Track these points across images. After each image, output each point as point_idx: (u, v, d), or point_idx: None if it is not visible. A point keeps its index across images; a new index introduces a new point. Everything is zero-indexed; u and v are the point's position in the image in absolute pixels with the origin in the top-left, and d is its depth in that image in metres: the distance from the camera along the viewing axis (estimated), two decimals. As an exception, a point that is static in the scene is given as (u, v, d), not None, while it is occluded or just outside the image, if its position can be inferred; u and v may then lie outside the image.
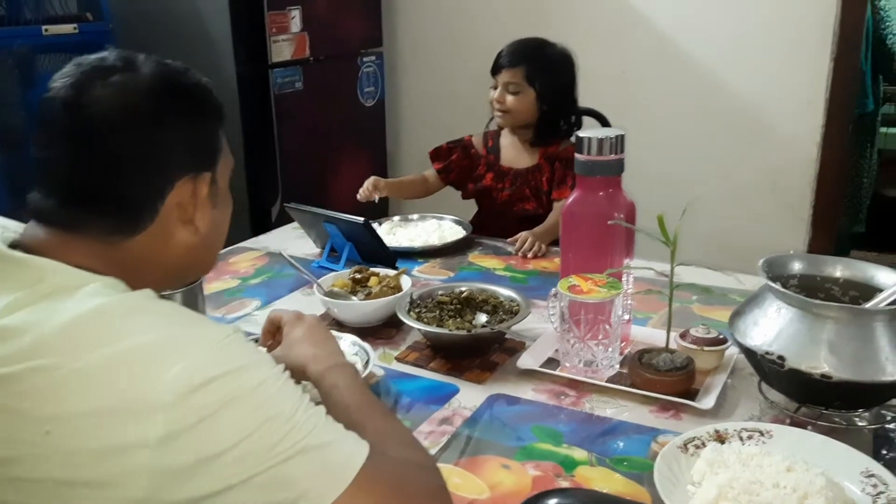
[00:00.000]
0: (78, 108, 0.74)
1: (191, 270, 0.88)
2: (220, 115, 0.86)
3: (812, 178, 2.74)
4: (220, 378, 0.67)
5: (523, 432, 1.06)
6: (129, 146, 0.75)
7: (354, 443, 0.75)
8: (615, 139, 1.22)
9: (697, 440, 0.96)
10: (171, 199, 0.78)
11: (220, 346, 0.69)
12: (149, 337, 0.68)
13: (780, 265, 1.12)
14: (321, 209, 1.73)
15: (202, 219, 0.82)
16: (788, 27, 2.64)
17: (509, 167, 2.02)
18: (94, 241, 0.76)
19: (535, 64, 1.92)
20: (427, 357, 1.28)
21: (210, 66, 2.62)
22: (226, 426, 0.66)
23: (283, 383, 0.72)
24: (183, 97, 0.81)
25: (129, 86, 0.76)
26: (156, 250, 0.80)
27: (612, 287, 1.18)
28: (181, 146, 0.79)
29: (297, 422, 0.70)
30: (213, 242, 0.88)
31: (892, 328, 0.98)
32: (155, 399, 0.64)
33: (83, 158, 0.75)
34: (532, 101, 1.93)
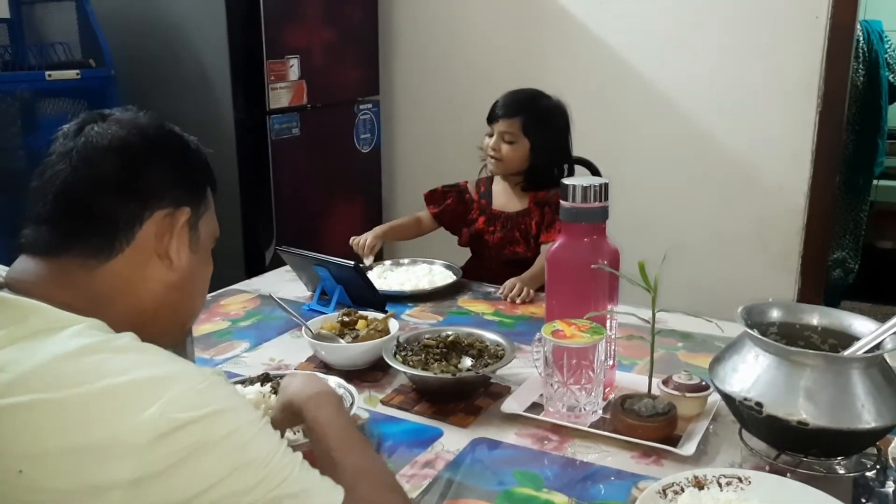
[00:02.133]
0: (77, 135, 0.82)
1: (165, 317, 0.88)
2: (210, 174, 0.92)
3: (800, 228, 2.78)
4: (194, 423, 0.68)
5: (505, 476, 1.07)
6: (115, 169, 0.81)
7: (329, 490, 0.76)
8: (599, 187, 1.25)
9: (676, 486, 0.96)
10: (148, 226, 0.82)
11: (197, 389, 0.70)
12: (126, 378, 0.69)
13: (759, 313, 1.14)
14: (312, 253, 1.75)
15: (177, 253, 0.84)
16: (775, 81, 2.71)
17: (500, 211, 2.06)
18: (75, 266, 0.79)
19: (531, 115, 1.98)
20: (412, 400, 1.29)
21: (209, 111, 2.68)
22: (196, 472, 0.67)
23: (259, 429, 0.73)
24: (171, 142, 0.88)
25: (125, 123, 0.84)
26: (131, 279, 0.82)
27: (595, 332, 1.19)
28: (164, 180, 0.84)
29: (272, 470, 0.71)
30: (190, 290, 0.90)
31: (868, 376, 0.99)
32: (128, 440, 0.65)
33: (73, 176, 0.80)
34: (526, 151, 1.98)
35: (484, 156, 2.04)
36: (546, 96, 2.03)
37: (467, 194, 2.13)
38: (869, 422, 0.96)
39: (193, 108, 2.67)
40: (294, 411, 0.97)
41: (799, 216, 2.78)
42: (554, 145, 2.01)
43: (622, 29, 2.95)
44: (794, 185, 2.76)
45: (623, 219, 2.86)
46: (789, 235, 2.80)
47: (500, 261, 2.02)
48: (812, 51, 2.64)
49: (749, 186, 2.82)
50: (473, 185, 2.14)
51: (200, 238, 0.89)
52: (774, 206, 2.80)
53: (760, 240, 2.83)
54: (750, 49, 2.73)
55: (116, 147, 0.81)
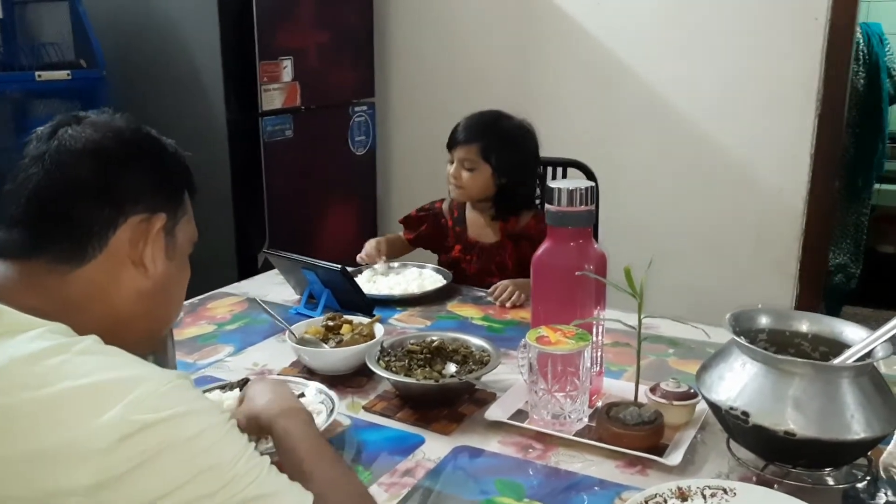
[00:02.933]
0: (50, 138, 0.80)
1: (140, 324, 0.86)
2: (188, 178, 0.90)
3: (798, 232, 2.75)
4: (157, 425, 0.66)
5: (486, 485, 1.04)
6: (88, 174, 0.79)
7: (297, 495, 0.74)
8: (586, 190, 1.22)
9: (659, 497, 0.94)
10: (122, 232, 0.80)
11: (159, 392, 0.68)
12: (86, 381, 0.67)
13: (747, 319, 1.11)
14: (300, 256, 1.73)
15: (152, 261, 0.83)
16: (774, 83, 2.68)
17: (475, 240, 2.01)
18: (45, 271, 0.77)
19: (490, 140, 1.90)
20: (395, 407, 1.26)
21: (202, 112, 2.66)
22: (158, 475, 0.65)
23: (225, 432, 0.71)
24: (148, 146, 0.86)
25: (100, 126, 0.82)
26: (104, 286, 0.80)
27: (581, 339, 1.17)
28: (139, 185, 0.82)
29: (238, 472, 0.69)
30: (165, 297, 0.88)
31: (858, 385, 0.96)
32: (88, 445, 0.63)
33: (46, 180, 0.78)
34: (488, 178, 1.91)
35: (448, 184, 1.97)
36: (508, 118, 1.95)
37: (443, 218, 2.06)
38: (858, 432, 0.94)
39: (186, 109, 2.66)
40: (262, 425, 0.95)
41: (797, 220, 2.75)
42: (518, 169, 1.92)
43: (619, 30, 2.93)
44: (793, 188, 2.74)
45: (619, 222, 2.85)
46: (788, 240, 2.78)
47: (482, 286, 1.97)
48: (811, 53, 2.62)
49: (747, 190, 2.79)
50: (447, 207, 2.07)
51: (177, 244, 0.88)
52: (773, 210, 2.77)
53: (758, 244, 2.81)
54: (748, 51, 2.71)
55: (90, 151, 0.80)
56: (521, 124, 1.96)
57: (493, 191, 1.93)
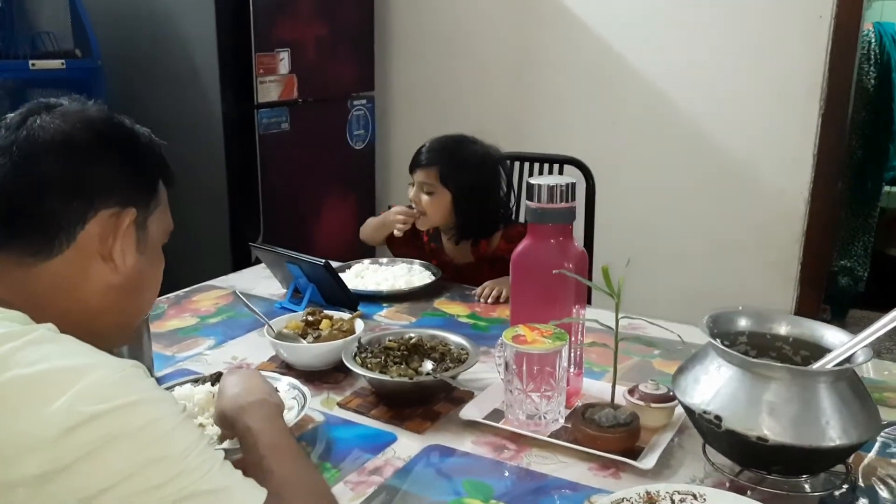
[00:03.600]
0: (19, 128, 0.78)
1: (110, 317, 0.84)
2: (163, 168, 0.88)
3: (800, 234, 2.71)
4: (106, 414, 0.65)
5: (454, 486, 1.02)
6: (57, 167, 0.77)
7: (249, 491, 0.72)
8: (566, 187, 1.20)
9: (626, 501, 0.91)
10: (91, 227, 0.78)
11: (111, 381, 0.67)
12: (35, 369, 0.66)
13: (726, 321, 1.08)
14: (285, 249, 1.71)
15: (121, 256, 0.81)
16: (777, 82, 2.65)
17: (451, 259, 1.98)
18: (12, 264, 0.76)
19: (450, 164, 1.85)
20: (370, 404, 1.24)
21: (197, 103, 2.65)
22: (105, 466, 0.64)
23: (178, 423, 0.70)
24: (120, 137, 0.84)
25: (70, 116, 0.79)
26: (71, 280, 0.79)
27: (558, 338, 1.14)
28: (110, 179, 0.80)
29: (188, 465, 0.67)
30: (134, 292, 0.86)
31: (835, 391, 0.94)
32: (35, 434, 0.62)
33: (12, 172, 0.77)
34: (447, 203, 1.86)
35: None
36: (471, 142, 1.90)
37: (422, 232, 2.00)
38: (834, 439, 0.91)
39: (181, 100, 2.64)
40: (227, 422, 0.94)
41: (799, 222, 2.71)
42: (478, 194, 1.86)
43: (621, 27, 2.89)
44: (795, 189, 2.70)
45: (617, 221, 2.82)
46: (789, 242, 2.74)
47: None
48: (815, 51, 2.58)
49: (748, 190, 2.76)
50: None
51: (149, 237, 0.86)
52: (774, 212, 2.73)
53: (758, 246, 2.77)
54: (751, 49, 2.67)
55: (59, 143, 0.78)
56: (487, 150, 1.91)
57: (452, 217, 1.88)
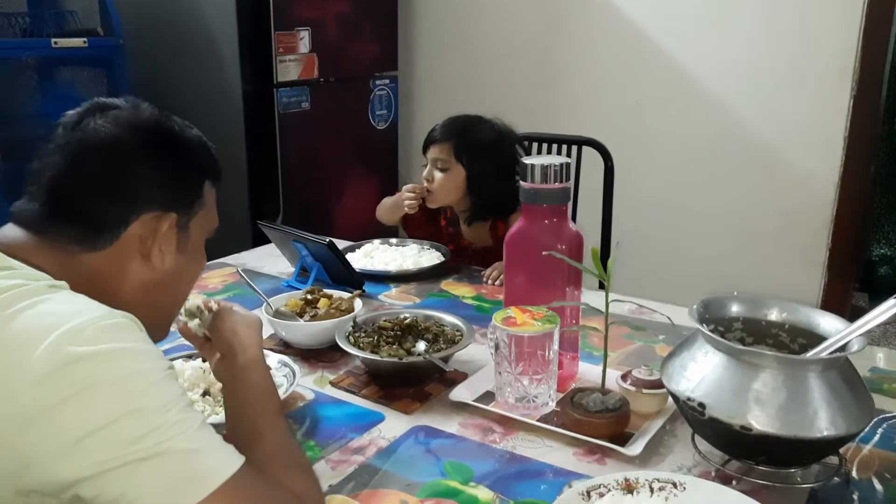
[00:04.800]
0: (74, 129, 0.82)
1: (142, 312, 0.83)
2: (209, 170, 0.91)
3: (829, 220, 2.64)
4: (91, 358, 0.66)
5: (435, 467, 1.01)
6: (105, 170, 0.81)
7: (226, 455, 0.72)
8: (560, 167, 1.18)
9: (603, 487, 0.90)
10: (133, 228, 0.82)
11: (99, 326, 0.69)
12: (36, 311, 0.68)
13: (718, 307, 1.05)
14: (291, 228, 1.71)
15: (159, 257, 0.85)
16: (807, 63, 2.56)
17: (469, 243, 1.95)
18: (57, 247, 0.80)
19: (466, 139, 1.82)
20: (361, 383, 1.24)
21: (217, 82, 2.66)
22: (85, 411, 0.65)
23: (161, 378, 0.70)
24: (168, 141, 0.87)
25: (121, 120, 0.83)
26: (110, 274, 0.83)
27: (549, 321, 1.13)
28: (154, 183, 0.84)
29: (167, 421, 0.68)
30: (171, 289, 0.89)
31: (825, 380, 0.90)
32: (26, 371, 0.64)
33: (66, 171, 0.81)
34: (461, 181, 1.84)
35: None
36: (487, 122, 1.87)
37: (440, 214, 1.99)
38: (821, 430, 0.88)
39: (202, 79, 2.66)
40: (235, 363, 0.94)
41: (828, 206, 2.64)
42: (491, 176, 1.82)
43: (647, 8, 2.83)
44: (824, 174, 2.62)
45: (638, 204, 2.78)
46: (817, 228, 2.67)
47: None
48: (848, 28, 2.50)
49: (775, 174, 2.69)
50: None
51: (190, 238, 0.89)
52: (802, 196, 2.66)
53: (785, 231, 2.70)
54: (781, 28, 2.59)
55: (107, 148, 0.81)
56: (503, 129, 1.88)
57: (463, 195, 1.86)
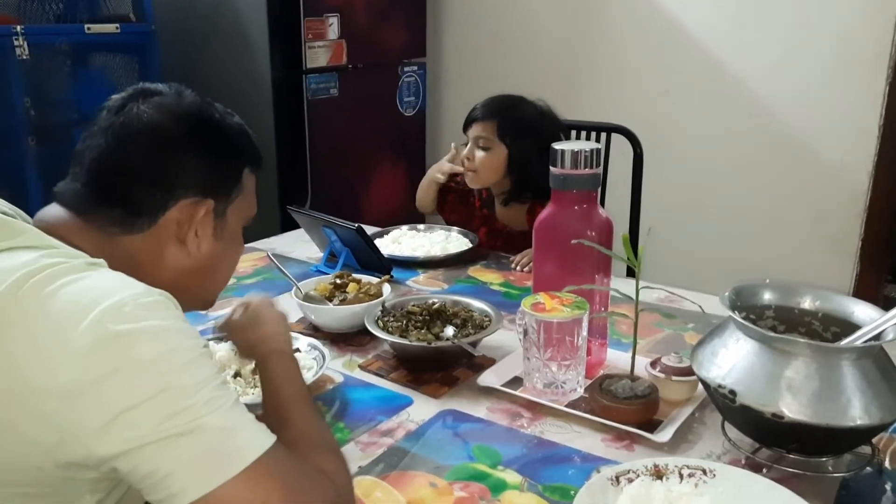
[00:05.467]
0: (118, 113, 0.83)
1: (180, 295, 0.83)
2: (249, 158, 0.92)
3: (861, 210, 2.60)
4: (130, 334, 0.67)
5: (463, 451, 1.02)
6: (146, 156, 0.82)
7: (258, 433, 0.73)
8: (591, 153, 1.17)
9: (632, 473, 0.90)
10: (171, 213, 0.83)
11: (138, 302, 0.69)
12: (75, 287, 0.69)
13: (750, 294, 1.04)
14: (320, 213, 1.73)
15: (195, 242, 0.86)
16: (840, 48, 2.52)
17: (504, 226, 1.94)
18: (96, 228, 0.82)
19: (509, 118, 1.81)
20: (390, 367, 1.25)
21: (247, 68, 2.68)
22: (125, 387, 0.66)
23: (197, 356, 0.71)
24: (208, 129, 0.88)
25: (164, 107, 0.84)
26: (147, 256, 0.84)
27: (578, 307, 1.13)
28: (193, 170, 0.85)
29: (201, 398, 0.69)
30: (208, 274, 0.91)
31: (859, 369, 0.89)
32: (69, 347, 0.65)
33: (107, 154, 0.82)
34: (502, 160, 1.82)
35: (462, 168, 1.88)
36: (530, 102, 1.86)
37: (472, 196, 1.98)
38: (854, 419, 0.87)
39: (231, 64, 2.68)
40: (255, 354, 0.98)
41: (861, 197, 2.60)
42: (534, 156, 1.75)
43: (678, -8, 2.79)
44: (858, 163, 2.58)
45: (666, 192, 2.75)
46: (849, 217, 2.63)
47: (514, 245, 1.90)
48: (882, 16, 2.44)
49: (807, 162, 2.65)
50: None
51: (227, 224, 0.90)
52: (834, 185, 2.62)
53: (817, 220, 2.67)
54: (814, 14, 2.55)
55: (150, 134, 0.83)
56: (545, 110, 1.87)
57: (504, 176, 1.84)
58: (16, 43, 2.24)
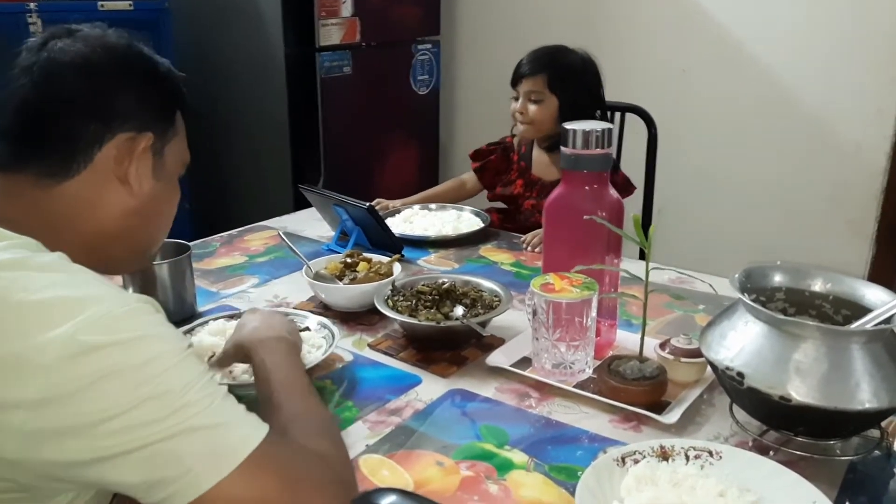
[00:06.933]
0: (40, 50, 0.80)
1: (124, 243, 0.86)
2: (181, 100, 0.89)
3: (878, 191, 2.57)
4: (107, 347, 0.65)
5: (470, 430, 1.03)
6: (76, 87, 0.79)
7: (251, 426, 0.73)
8: (602, 133, 1.16)
9: (638, 454, 0.90)
10: (107, 149, 0.80)
11: (115, 314, 0.68)
12: (40, 296, 0.66)
13: (760, 276, 1.04)
14: (331, 192, 1.73)
15: (137, 179, 0.82)
16: (859, 27, 2.47)
17: (538, 178, 1.98)
18: (30, 185, 0.78)
19: (557, 70, 1.86)
20: (399, 346, 1.25)
21: (260, 46, 2.68)
22: (104, 398, 0.65)
23: (180, 359, 0.70)
24: (140, 60, 0.84)
25: (90, 39, 0.81)
26: (88, 202, 0.80)
27: (587, 288, 1.12)
28: (128, 100, 0.81)
29: (189, 400, 0.68)
30: (152, 217, 0.88)
31: (869, 352, 0.89)
32: (36, 359, 0.63)
33: (34, 92, 0.78)
34: (555, 110, 1.87)
35: (514, 122, 1.95)
36: (571, 50, 1.91)
37: (511, 152, 2.05)
38: (863, 402, 0.86)
39: (245, 42, 2.67)
40: (245, 352, 0.97)
41: (878, 177, 2.57)
42: (584, 102, 1.87)
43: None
44: (875, 143, 2.55)
45: (681, 172, 2.73)
46: (866, 198, 2.60)
47: (530, 226, 1.93)
48: (905, -5, 2.40)
49: (823, 142, 2.62)
50: (516, 143, 2.05)
51: (166, 164, 0.87)
52: (851, 166, 2.59)
53: (832, 201, 2.64)
54: (833, -8, 2.51)
55: (79, 65, 0.79)
56: (586, 56, 1.92)
57: (557, 126, 1.88)
58: (30, 20, 2.25)
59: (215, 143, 2.96)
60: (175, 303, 1.35)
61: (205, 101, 2.89)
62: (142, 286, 1.32)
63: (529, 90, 1.87)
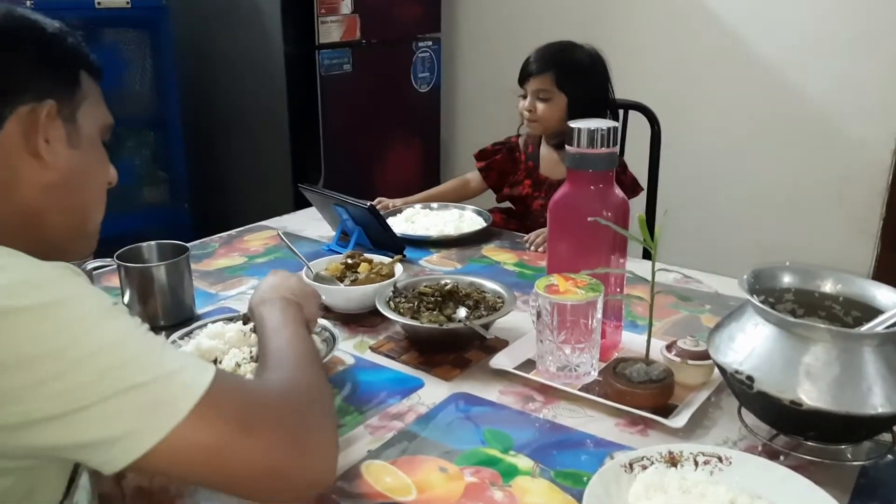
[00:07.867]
0: None
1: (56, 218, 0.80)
2: (83, 60, 0.83)
3: (883, 188, 2.55)
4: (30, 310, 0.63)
5: (474, 435, 1.01)
6: None
7: (196, 371, 0.70)
8: (608, 131, 1.14)
9: (646, 459, 0.88)
10: (9, 126, 0.74)
11: (33, 279, 0.65)
12: None
13: (769, 277, 1.02)
14: (331, 191, 1.71)
15: (49, 151, 0.77)
16: (863, 20, 2.45)
17: (546, 177, 1.96)
18: None
19: (565, 68, 1.85)
20: (401, 349, 1.24)
21: (259, 44, 2.66)
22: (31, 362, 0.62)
23: (107, 316, 0.67)
24: (22, 28, 0.78)
25: None
26: (5, 184, 0.76)
27: (592, 289, 1.10)
28: (18, 70, 0.76)
29: (124, 357, 0.66)
30: (76, 191, 0.82)
31: (881, 355, 0.87)
32: None
33: None
34: (564, 108, 1.85)
35: (522, 120, 1.93)
36: (579, 46, 1.90)
37: (517, 152, 2.03)
38: (875, 407, 0.85)
39: (244, 40, 2.65)
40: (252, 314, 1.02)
41: (883, 175, 2.55)
42: (592, 99, 1.86)
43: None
44: (880, 139, 2.53)
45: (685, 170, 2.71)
46: (870, 196, 2.58)
47: (539, 226, 1.91)
48: (910, -9, 2.38)
49: (827, 138, 2.60)
50: (523, 142, 2.03)
51: (81, 131, 0.81)
52: (855, 162, 2.57)
53: (837, 199, 2.62)
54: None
55: None
56: (593, 52, 1.91)
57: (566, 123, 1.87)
58: (27, 18, 2.22)
59: (214, 142, 2.94)
60: (173, 305, 1.33)
61: (203, 99, 2.88)
62: (139, 288, 1.30)
63: (537, 88, 1.85)
